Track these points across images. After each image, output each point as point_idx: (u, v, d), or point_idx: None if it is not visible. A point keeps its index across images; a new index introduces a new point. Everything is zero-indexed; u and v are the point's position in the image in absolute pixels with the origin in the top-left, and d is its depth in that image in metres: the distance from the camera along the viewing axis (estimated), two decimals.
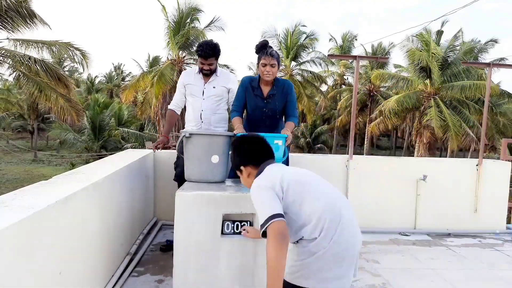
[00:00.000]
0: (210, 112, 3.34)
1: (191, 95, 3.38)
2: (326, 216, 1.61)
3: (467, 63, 7.11)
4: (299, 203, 1.65)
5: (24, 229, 1.50)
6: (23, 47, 11.23)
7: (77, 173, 2.56)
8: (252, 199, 1.72)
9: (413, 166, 4.42)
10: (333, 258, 1.59)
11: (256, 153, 1.90)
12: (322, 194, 1.70)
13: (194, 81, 3.37)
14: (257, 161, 1.88)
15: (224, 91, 3.37)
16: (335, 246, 1.59)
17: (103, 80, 50.48)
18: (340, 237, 1.60)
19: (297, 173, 1.79)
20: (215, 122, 3.38)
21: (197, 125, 3.36)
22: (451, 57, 19.34)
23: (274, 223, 1.54)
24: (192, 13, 17.72)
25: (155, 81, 16.56)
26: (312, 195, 1.68)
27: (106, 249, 2.56)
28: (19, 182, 22.12)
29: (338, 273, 1.61)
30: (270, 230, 1.54)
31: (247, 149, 1.90)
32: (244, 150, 1.91)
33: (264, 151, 1.91)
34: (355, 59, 4.54)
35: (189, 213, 2.39)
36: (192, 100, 3.38)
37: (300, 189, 1.68)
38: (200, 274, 2.41)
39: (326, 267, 1.60)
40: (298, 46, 24.47)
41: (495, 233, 4.41)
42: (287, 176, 1.72)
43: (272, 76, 2.99)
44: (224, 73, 3.46)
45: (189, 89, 3.39)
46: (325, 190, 1.73)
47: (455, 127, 17.89)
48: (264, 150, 1.92)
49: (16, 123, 36.55)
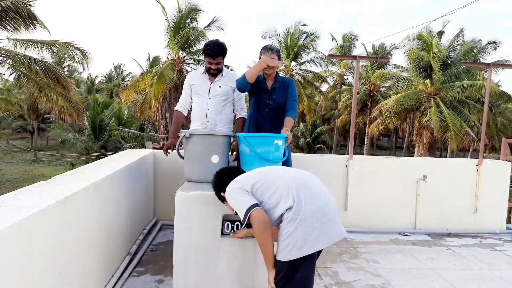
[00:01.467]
0: (216, 111, 3.37)
1: (197, 94, 3.41)
2: (292, 185, 1.85)
3: (467, 63, 7.10)
4: (268, 188, 1.89)
5: (24, 229, 1.50)
6: (23, 47, 11.23)
7: (77, 173, 2.56)
8: (230, 203, 1.98)
9: (413, 166, 4.42)
10: (313, 218, 1.78)
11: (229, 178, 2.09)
12: (285, 172, 1.98)
13: (200, 81, 3.40)
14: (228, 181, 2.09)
15: (229, 90, 3.39)
16: (310, 207, 1.79)
17: (103, 80, 50.49)
18: (312, 198, 1.82)
19: (260, 169, 2.08)
20: (220, 122, 3.40)
21: (203, 124, 3.38)
22: (451, 57, 19.34)
23: (252, 213, 1.80)
24: (192, 13, 17.71)
25: (155, 81, 16.54)
26: (275, 175, 1.95)
27: (106, 249, 2.55)
28: (19, 182, 22.12)
29: (322, 230, 1.79)
30: (252, 220, 1.80)
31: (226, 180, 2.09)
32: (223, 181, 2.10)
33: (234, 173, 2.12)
34: (355, 59, 4.54)
35: (189, 213, 2.39)
36: (198, 99, 3.41)
37: (264, 177, 1.95)
38: (200, 274, 2.41)
39: (311, 228, 1.78)
40: (298, 46, 24.44)
41: (495, 233, 4.41)
42: (250, 174, 2.01)
43: (273, 70, 3.10)
44: (230, 73, 3.49)
45: (195, 89, 3.41)
46: (287, 169, 2.03)
47: (455, 127, 17.88)
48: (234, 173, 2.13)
49: (16, 123, 36.54)
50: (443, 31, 21.16)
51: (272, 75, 3.19)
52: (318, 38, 24.71)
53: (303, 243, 1.76)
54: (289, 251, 1.78)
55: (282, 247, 1.80)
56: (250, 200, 1.85)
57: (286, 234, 1.79)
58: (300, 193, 1.82)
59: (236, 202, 1.89)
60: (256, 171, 2.05)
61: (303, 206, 1.79)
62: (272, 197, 1.87)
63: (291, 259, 1.78)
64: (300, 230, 1.77)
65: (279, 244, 1.82)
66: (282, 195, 1.84)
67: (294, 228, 1.77)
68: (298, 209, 1.78)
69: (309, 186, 1.88)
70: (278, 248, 1.83)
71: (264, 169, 2.06)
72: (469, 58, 18.74)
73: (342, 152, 33.00)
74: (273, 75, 3.20)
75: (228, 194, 1.96)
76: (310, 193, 1.84)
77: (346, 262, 3.36)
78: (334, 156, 4.76)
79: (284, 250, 1.79)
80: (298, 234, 1.77)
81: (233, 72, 3.70)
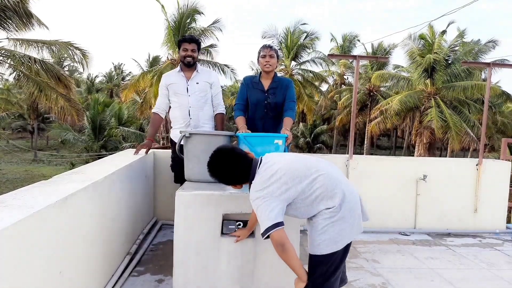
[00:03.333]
0: (198, 108, 3.38)
1: (175, 94, 3.40)
2: (334, 183, 1.82)
3: (467, 63, 7.10)
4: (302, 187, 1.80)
5: (24, 229, 1.50)
6: (23, 47, 11.23)
7: (77, 173, 2.56)
8: (253, 206, 1.84)
9: (413, 166, 4.42)
10: (350, 214, 1.82)
11: (233, 175, 1.94)
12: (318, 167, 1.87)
13: (176, 80, 3.40)
14: (238, 181, 1.97)
15: (207, 86, 3.41)
16: (349, 204, 1.82)
17: (103, 80, 50.49)
18: (350, 195, 1.85)
19: (288, 164, 1.87)
20: (203, 119, 3.41)
21: (186, 122, 3.38)
22: (452, 57, 19.34)
23: (272, 233, 1.74)
24: (192, 13, 17.71)
25: (155, 80, 16.54)
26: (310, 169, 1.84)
27: (106, 249, 2.56)
28: (19, 182, 22.12)
29: (354, 223, 1.84)
30: (271, 239, 1.75)
31: (224, 173, 1.94)
32: (235, 175, 1.94)
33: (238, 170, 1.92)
34: (355, 59, 4.54)
35: (189, 213, 2.40)
36: (177, 99, 3.40)
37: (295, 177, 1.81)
38: (200, 274, 2.41)
39: (347, 223, 1.81)
40: (298, 46, 24.42)
41: (495, 233, 4.41)
42: (280, 174, 1.82)
43: (271, 67, 3.14)
44: (204, 69, 3.53)
45: (173, 88, 3.40)
46: (316, 163, 1.91)
47: (456, 127, 17.88)
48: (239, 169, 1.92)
49: (16, 123, 36.54)
50: (446, 30, 21.16)
51: (270, 75, 3.21)
52: (319, 38, 24.70)
53: (340, 237, 1.80)
54: (326, 245, 1.80)
55: (318, 242, 1.81)
56: (276, 216, 1.75)
57: (322, 229, 1.80)
58: (343, 192, 1.82)
59: (262, 212, 1.79)
60: (282, 169, 1.83)
61: (345, 205, 1.80)
62: (311, 196, 1.81)
63: (328, 252, 1.80)
64: (338, 226, 1.79)
65: (314, 238, 1.83)
66: (324, 195, 1.80)
67: (332, 224, 1.79)
68: (340, 207, 1.79)
69: (346, 182, 1.90)
70: (313, 242, 1.84)
71: (290, 165, 1.86)
72: (469, 58, 18.74)
73: (342, 151, 32.98)
74: (271, 74, 3.22)
75: (254, 200, 1.83)
76: (348, 190, 1.85)
77: (346, 261, 3.35)
78: (334, 156, 4.76)
79: (321, 245, 1.80)
80: (336, 229, 1.79)
81: (207, 68, 3.74)
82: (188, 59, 3.32)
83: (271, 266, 2.44)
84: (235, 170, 1.90)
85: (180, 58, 3.39)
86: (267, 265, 2.45)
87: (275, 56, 3.17)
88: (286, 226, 1.77)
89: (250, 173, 1.89)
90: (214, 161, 1.94)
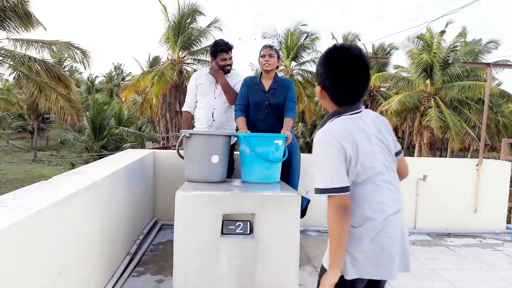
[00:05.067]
0: (222, 111, 3.44)
1: (202, 94, 3.47)
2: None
3: (467, 63, 7.10)
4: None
5: (24, 229, 1.50)
6: (23, 47, 11.24)
7: (77, 173, 2.56)
8: (315, 151, 1.41)
9: (413, 166, 4.37)
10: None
11: (348, 89, 1.43)
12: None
13: (205, 81, 3.47)
14: (341, 99, 1.45)
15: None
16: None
17: (103, 80, 50.51)
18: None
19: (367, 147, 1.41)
20: (225, 121, 3.47)
21: (209, 123, 3.43)
22: (452, 57, 19.35)
23: (334, 197, 1.34)
24: (192, 13, 17.72)
25: (155, 80, 16.55)
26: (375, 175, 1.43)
27: (106, 249, 2.55)
28: (19, 182, 22.12)
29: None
30: (329, 202, 1.35)
31: (341, 78, 1.41)
32: (338, 77, 1.42)
33: (357, 91, 1.44)
34: None
35: (189, 213, 2.39)
36: (204, 99, 3.47)
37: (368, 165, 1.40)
38: (200, 274, 2.41)
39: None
40: (298, 46, 24.43)
41: (495, 233, 4.41)
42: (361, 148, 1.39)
43: (271, 67, 3.16)
44: (234, 73, 3.57)
45: (201, 89, 3.48)
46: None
47: (456, 127, 17.89)
48: (359, 89, 1.44)
49: (16, 123, 36.56)
50: (445, 31, 21.17)
51: (271, 75, 3.22)
52: (319, 39, 24.71)
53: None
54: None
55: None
56: (341, 179, 1.35)
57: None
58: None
59: (322, 167, 1.38)
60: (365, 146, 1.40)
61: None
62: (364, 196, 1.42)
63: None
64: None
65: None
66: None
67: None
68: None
69: None
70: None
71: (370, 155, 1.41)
72: (469, 59, 18.75)
73: None
74: (272, 75, 3.23)
75: (321, 143, 1.40)
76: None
77: None
78: None
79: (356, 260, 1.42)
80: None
81: (237, 72, 3.77)
82: (227, 67, 3.42)
83: (271, 266, 2.44)
84: None
85: (218, 65, 3.43)
86: (267, 265, 2.44)
87: (275, 55, 3.17)
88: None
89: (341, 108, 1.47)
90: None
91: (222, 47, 3.36)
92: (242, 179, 2.85)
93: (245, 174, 2.78)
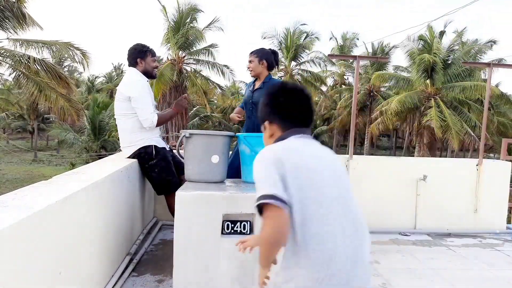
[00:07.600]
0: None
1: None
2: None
3: (467, 63, 7.11)
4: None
5: (24, 229, 1.50)
6: (23, 47, 11.24)
7: (77, 173, 2.56)
8: (254, 168, 1.36)
9: (413, 166, 4.42)
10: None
11: (292, 111, 1.46)
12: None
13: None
14: (287, 121, 1.45)
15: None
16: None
17: (103, 81, 50.50)
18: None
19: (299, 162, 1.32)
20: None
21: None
22: (452, 58, 19.36)
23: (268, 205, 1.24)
24: (191, 13, 17.72)
25: (155, 80, 16.55)
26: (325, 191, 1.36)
27: (106, 249, 2.55)
28: (19, 182, 22.12)
29: None
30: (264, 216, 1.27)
31: (282, 102, 1.46)
32: (279, 102, 1.46)
33: (302, 113, 1.47)
34: (355, 59, 4.54)
35: (189, 213, 2.39)
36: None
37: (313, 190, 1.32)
38: (200, 274, 2.41)
39: None
40: (298, 46, 24.44)
41: (495, 233, 4.41)
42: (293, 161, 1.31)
43: (253, 72, 3.35)
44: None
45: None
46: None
47: (456, 127, 17.89)
48: (303, 111, 1.47)
49: (16, 123, 36.57)
50: (445, 31, 21.19)
51: (261, 78, 3.36)
52: (319, 39, 24.73)
53: None
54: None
55: None
56: (277, 190, 1.24)
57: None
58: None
59: (259, 178, 1.31)
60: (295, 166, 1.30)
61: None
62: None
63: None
64: None
65: None
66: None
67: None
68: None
69: None
70: None
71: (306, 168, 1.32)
72: (468, 59, 18.75)
73: (342, 152, 32.93)
74: (262, 77, 3.36)
75: (258, 160, 1.35)
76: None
77: None
78: None
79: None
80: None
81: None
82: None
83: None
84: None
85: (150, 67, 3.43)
86: None
87: (255, 59, 3.30)
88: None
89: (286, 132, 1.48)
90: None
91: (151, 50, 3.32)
92: (242, 179, 2.85)
93: (245, 174, 2.78)
